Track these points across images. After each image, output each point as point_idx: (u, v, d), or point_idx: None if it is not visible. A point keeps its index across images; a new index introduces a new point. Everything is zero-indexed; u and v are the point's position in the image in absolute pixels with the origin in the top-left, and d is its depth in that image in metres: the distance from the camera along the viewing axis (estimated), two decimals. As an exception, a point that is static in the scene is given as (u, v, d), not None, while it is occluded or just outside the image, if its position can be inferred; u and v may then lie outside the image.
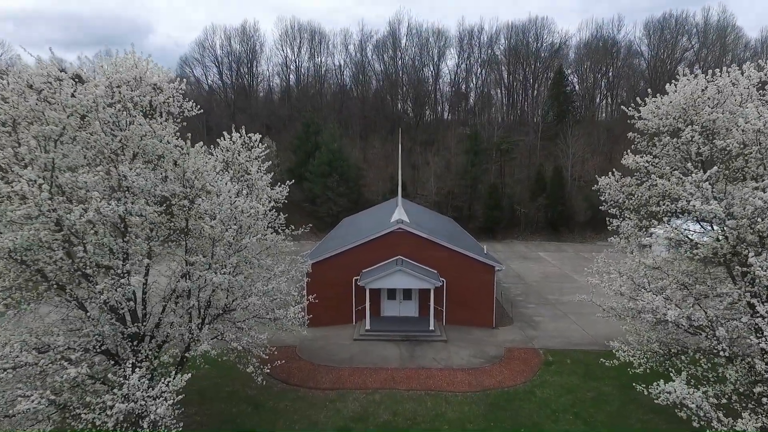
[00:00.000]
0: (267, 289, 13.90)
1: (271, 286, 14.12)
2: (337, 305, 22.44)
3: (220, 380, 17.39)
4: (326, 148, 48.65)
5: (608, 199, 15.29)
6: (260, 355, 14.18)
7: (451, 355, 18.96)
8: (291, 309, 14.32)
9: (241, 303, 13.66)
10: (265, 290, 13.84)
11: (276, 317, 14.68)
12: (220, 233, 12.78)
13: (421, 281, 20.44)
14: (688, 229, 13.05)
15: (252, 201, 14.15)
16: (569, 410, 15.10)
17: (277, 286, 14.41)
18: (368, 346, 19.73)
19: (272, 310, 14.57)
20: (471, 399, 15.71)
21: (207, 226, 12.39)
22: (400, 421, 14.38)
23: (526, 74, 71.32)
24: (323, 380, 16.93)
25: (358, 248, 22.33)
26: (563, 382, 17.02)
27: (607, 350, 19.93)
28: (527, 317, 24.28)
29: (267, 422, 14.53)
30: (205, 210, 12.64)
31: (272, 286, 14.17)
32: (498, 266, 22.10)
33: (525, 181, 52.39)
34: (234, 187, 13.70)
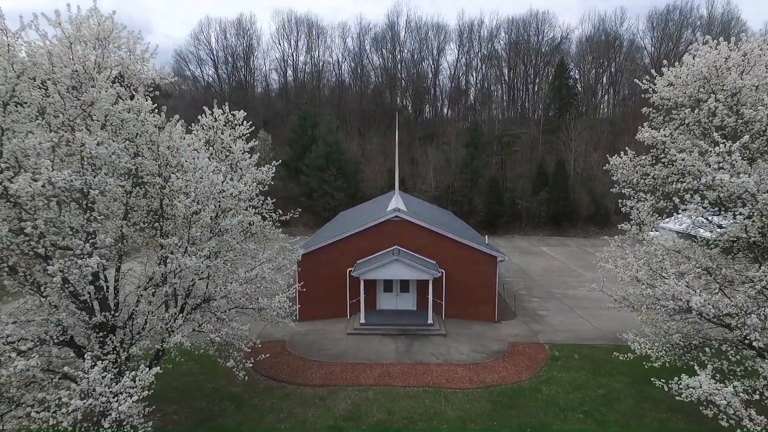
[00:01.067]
0: (249, 276, 12.72)
1: (255, 273, 12.94)
2: (331, 298, 21.26)
3: (202, 376, 16.23)
4: (323, 141, 47.50)
5: (621, 179, 14.08)
6: (242, 348, 13.00)
7: (451, 350, 17.78)
8: (276, 298, 13.12)
9: (221, 291, 12.49)
10: (247, 277, 12.66)
11: (260, 307, 13.51)
12: (196, 213, 11.63)
13: (419, 272, 19.26)
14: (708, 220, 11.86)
15: (234, 181, 12.99)
16: (579, 408, 13.92)
17: (261, 273, 13.24)
18: (362, 341, 18.56)
19: (256, 299, 13.40)
20: (472, 396, 14.53)
21: (180, 204, 11.22)
22: (395, 420, 13.21)
23: (527, 69, 70.17)
24: (313, 376, 15.76)
25: (352, 238, 21.16)
26: (571, 378, 15.84)
27: (618, 344, 18.89)
28: (531, 311, 23.11)
29: (250, 421, 13.35)
30: (179, 187, 11.48)
31: (256, 272, 12.98)
32: (500, 257, 20.92)
33: (526, 174, 51.19)
34: (212, 164, 12.56)
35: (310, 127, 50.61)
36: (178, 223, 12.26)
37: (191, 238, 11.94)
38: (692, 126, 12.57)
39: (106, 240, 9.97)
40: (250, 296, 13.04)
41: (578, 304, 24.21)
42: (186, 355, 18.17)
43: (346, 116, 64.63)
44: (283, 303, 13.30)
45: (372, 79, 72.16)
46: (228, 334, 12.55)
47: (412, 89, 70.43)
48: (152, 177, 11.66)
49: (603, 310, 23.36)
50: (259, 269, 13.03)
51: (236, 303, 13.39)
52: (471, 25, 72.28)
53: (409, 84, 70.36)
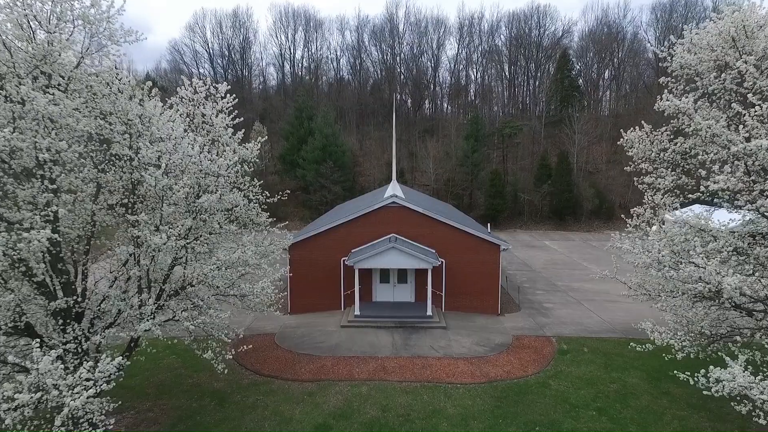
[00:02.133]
0: (229, 259, 11.51)
1: (236, 256, 11.73)
2: (324, 290, 20.08)
3: (183, 371, 15.06)
4: (320, 133, 46.27)
5: (637, 154, 12.89)
6: (222, 338, 11.82)
7: (451, 343, 16.59)
8: (259, 283, 11.91)
9: (198, 275, 11.30)
10: (226, 260, 11.46)
11: (242, 294, 12.33)
12: (168, 187, 10.44)
13: (417, 260, 18.07)
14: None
15: (213, 155, 11.80)
16: (591, 405, 12.74)
17: (243, 257, 12.04)
18: (357, 334, 17.37)
19: (237, 285, 12.21)
20: (475, 392, 13.35)
21: (150, 177, 10.03)
22: (390, 418, 12.02)
23: (528, 64, 68.87)
24: (302, 371, 14.57)
25: (346, 225, 19.97)
26: (581, 372, 14.66)
27: (629, 337, 17.73)
28: (536, 304, 21.92)
29: (231, 419, 12.17)
30: (150, 159, 10.30)
31: (237, 255, 11.78)
32: (504, 245, 19.73)
33: (528, 168, 49.99)
34: (188, 135, 11.39)
35: (306, 119, 49.39)
36: (149, 199, 11.07)
37: (164, 216, 10.77)
38: (718, 93, 11.39)
39: (61, 212, 8.80)
40: (230, 282, 11.85)
41: (585, 297, 23.05)
42: (168, 349, 17.08)
43: (344, 111, 63.44)
44: (267, 288, 12.08)
45: (371, 71, 70.92)
46: (206, 323, 11.35)
47: (411, 83, 69.18)
48: (121, 148, 10.48)
49: (611, 302, 22.23)
50: (240, 252, 11.82)
51: (215, 289, 12.24)
52: (471, 18, 71.15)
53: (408, 78, 69.12)
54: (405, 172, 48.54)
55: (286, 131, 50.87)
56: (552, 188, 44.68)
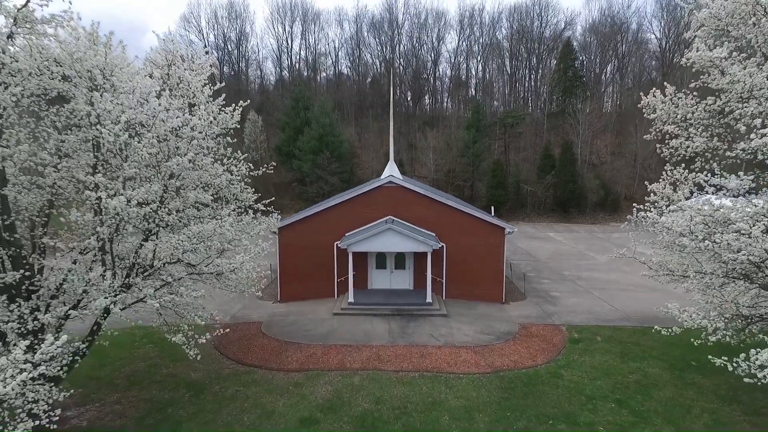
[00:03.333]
0: (202, 231, 10.16)
1: (211, 228, 10.38)
2: (316, 276, 18.74)
3: (159, 361, 13.73)
4: (317, 123, 44.91)
5: (660, 117, 11.52)
6: (195, 320, 10.48)
7: (453, 331, 15.26)
8: (238, 258, 10.55)
9: (168, 248, 9.96)
10: (200, 232, 10.10)
11: (219, 272, 10.98)
12: (128, 145, 9.13)
13: (416, 243, 16.72)
14: None
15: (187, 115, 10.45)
16: (609, 397, 11.41)
17: (219, 229, 10.69)
18: (350, 321, 16.03)
19: (214, 262, 10.86)
20: (479, 382, 12.03)
21: (107, 131, 8.71)
22: (384, 411, 10.69)
23: (530, 57, 67.38)
24: (289, 360, 13.24)
25: (340, 207, 18.63)
26: (596, 362, 13.33)
27: (644, 326, 16.43)
28: (542, 292, 20.60)
29: (206, 411, 10.84)
30: (108, 111, 8.99)
31: (212, 227, 10.42)
32: (508, 228, 18.39)
33: (531, 158, 48.62)
34: (159, 92, 10.06)
35: (303, 109, 48.03)
36: (110, 160, 9.74)
37: (126, 179, 9.45)
38: (757, 43, 10.04)
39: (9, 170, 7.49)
40: (204, 257, 10.49)
41: (594, 286, 21.73)
42: (145, 337, 15.73)
43: (343, 104, 62.10)
44: (246, 264, 10.72)
45: (369, 63, 69.54)
46: (175, 303, 10.01)
47: (410, 74, 67.79)
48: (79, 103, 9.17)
49: (622, 291, 20.93)
50: (215, 224, 10.46)
51: (190, 267, 10.92)
52: (472, 10, 69.77)
53: (408, 67, 67.73)
54: (404, 164, 47.19)
55: (282, 122, 49.51)
56: (555, 179, 43.33)
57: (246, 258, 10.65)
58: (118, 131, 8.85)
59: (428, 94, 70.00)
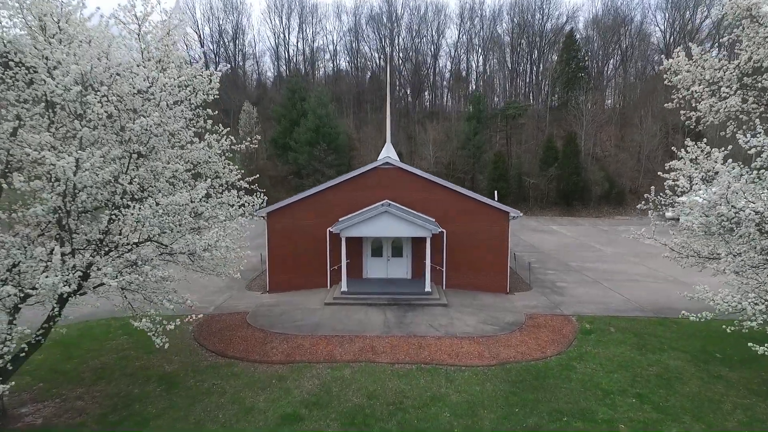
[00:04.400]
0: (172, 203, 8.93)
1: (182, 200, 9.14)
2: (308, 265, 17.55)
3: (133, 353, 12.54)
4: (313, 114, 43.70)
5: (685, 79, 10.32)
6: (165, 304, 9.30)
7: (454, 321, 14.08)
8: (211, 233, 9.31)
9: (132, 223, 8.74)
10: (167, 204, 8.87)
11: (192, 251, 9.76)
12: (82, 102, 7.95)
13: (414, 227, 15.53)
14: None
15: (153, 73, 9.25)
16: (628, 391, 10.22)
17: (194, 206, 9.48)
18: (343, 311, 14.85)
19: (186, 240, 9.63)
20: (484, 375, 10.84)
21: (57, 85, 7.54)
22: (377, 406, 9.50)
23: (531, 51, 66.04)
24: (273, 351, 12.06)
25: (333, 191, 17.44)
26: (611, 354, 12.15)
27: (661, 317, 15.26)
28: (548, 283, 19.42)
29: (177, 407, 9.65)
30: (59, 62, 7.83)
31: (183, 201, 9.19)
32: (513, 212, 17.20)
33: (533, 150, 47.38)
34: (116, 38, 8.89)
35: (299, 101, 46.83)
36: (64, 120, 8.55)
37: (82, 141, 8.27)
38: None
39: None
40: (174, 233, 9.28)
41: (602, 277, 20.55)
42: (121, 329, 14.53)
43: (341, 96, 60.88)
44: (222, 242, 9.51)
45: (368, 54, 68.24)
46: (140, 284, 8.80)
47: (410, 68, 66.56)
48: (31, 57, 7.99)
49: (632, 281, 19.76)
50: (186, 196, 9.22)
51: (161, 247, 9.72)
52: (472, 3, 68.49)
53: (407, 62, 66.49)
54: (403, 156, 45.96)
55: (278, 113, 48.29)
56: (559, 171, 42.12)
57: (222, 234, 9.38)
58: (68, 83, 7.69)
59: (428, 90, 68.80)
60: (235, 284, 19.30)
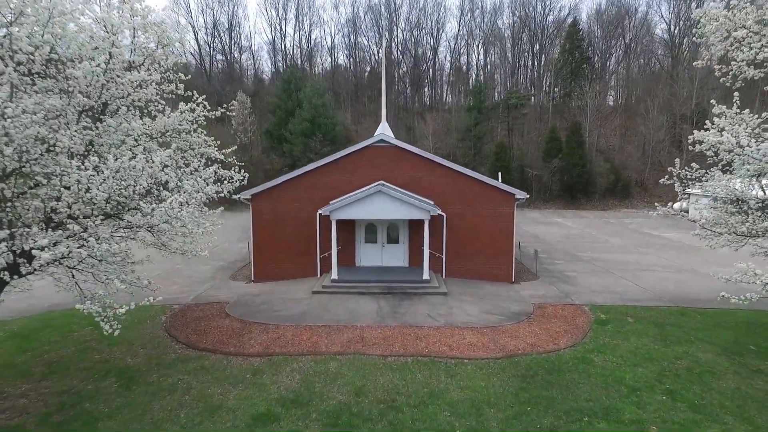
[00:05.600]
0: (122, 166, 7.52)
1: (134, 164, 7.73)
2: (296, 252, 16.19)
3: (94, 344, 11.19)
4: (308, 104, 42.32)
5: (723, 25, 8.95)
6: (114, 284, 7.92)
7: (454, 311, 12.71)
8: (169, 200, 7.86)
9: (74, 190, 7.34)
10: (117, 166, 7.47)
11: (151, 224, 8.36)
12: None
13: (410, 209, 14.16)
14: None
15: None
16: (657, 387, 8.86)
17: (153, 170, 8.07)
18: (332, 300, 13.49)
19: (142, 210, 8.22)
20: (489, 369, 9.48)
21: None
22: (366, 404, 8.14)
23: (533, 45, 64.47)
24: (251, 343, 10.69)
25: (324, 171, 16.08)
26: (632, 346, 10.79)
27: (683, 306, 13.88)
28: (557, 272, 18.06)
29: (134, 406, 8.29)
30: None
31: (137, 164, 7.77)
32: (520, 194, 15.83)
33: (536, 141, 45.95)
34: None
35: (294, 91, 45.44)
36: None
37: (15, 90, 6.90)
38: None
39: None
40: (122, 197, 7.85)
41: (613, 267, 19.18)
42: (86, 318, 13.16)
43: (339, 87, 59.52)
44: (184, 212, 8.09)
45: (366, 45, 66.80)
46: (80, 258, 7.42)
47: (409, 61, 65.14)
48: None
49: (645, 271, 18.40)
50: (142, 160, 7.81)
51: (117, 220, 8.36)
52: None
53: (406, 53, 65.07)
54: (402, 148, 44.57)
55: (273, 104, 46.90)
56: (563, 163, 40.73)
57: (182, 202, 7.95)
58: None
59: (428, 85, 67.29)
60: (219, 274, 17.96)
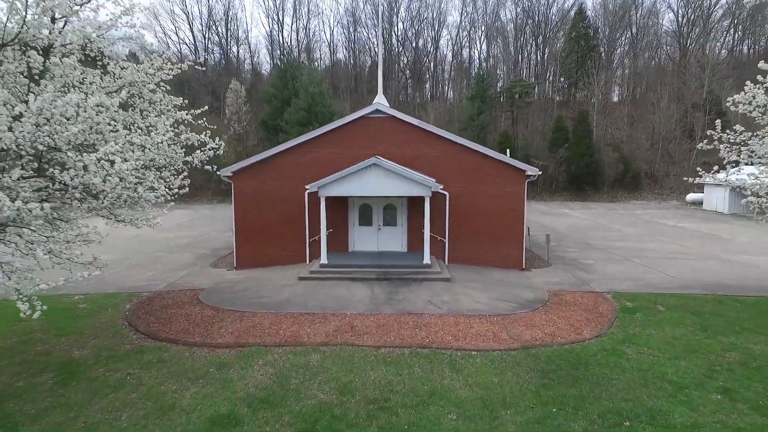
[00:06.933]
0: (44, 100, 5.92)
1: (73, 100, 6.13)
2: (282, 237, 14.63)
3: (41, 335, 9.63)
4: (305, 92, 40.73)
5: None
6: (36, 255, 6.35)
7: (460, 297, 11.13)
8: (110, 145, 6.24)
9: None
10: (41, 106, 5.88)
11: (86, 183, 6.73)
12: None
13: (409, 184, 12.58)
14: None
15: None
16: (708, 384, 7.26)
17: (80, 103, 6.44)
18: (320, 287, 11.91)
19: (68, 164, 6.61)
20: (503, 362, 7.90)
21: None
22: (352, 405, 6.57)
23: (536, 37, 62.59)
24: (221, 332, 9.12)
25: (313, 145, 14.48)
26: (668, 336, 9.20)
27: (719, 294, 12.31)
28: (570, 260, 16.47)
29: (69, 405, 6.73)
30: None
31: (68, 102, 6.18)
32: (531, 171, 14.23)
33: (541, 131, 44.27)
34: None
35: (290, 80, 43.86)
36: None
37: None
38: None
39: None
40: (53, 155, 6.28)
41: (631, 254, 17.57)
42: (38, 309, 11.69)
43: (338, 80, 57.88)
44: (122, 165, 6.47)
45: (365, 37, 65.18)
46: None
47: (410, 52, 63.52)
48: None
49: (668, 259, 16.79)
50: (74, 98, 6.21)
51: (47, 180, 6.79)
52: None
53: (406, 44, 63.44)
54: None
55: (268, 94, 45.34)
56: (569, 153, 39.08)
57: (118, 147, 6.30)
58: None
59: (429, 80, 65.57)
60: (201, 261, 16.41)
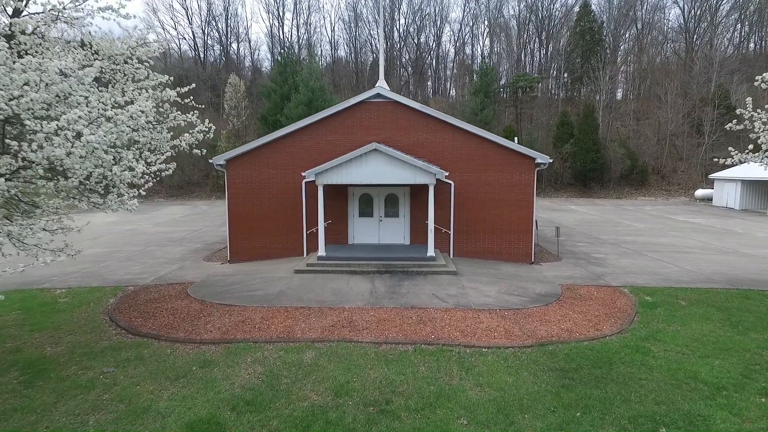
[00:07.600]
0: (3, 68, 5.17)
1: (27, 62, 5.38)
2: (278, 228, 13.89)
3: (14, 330, 8.94)
4: (305, 87, 39.99)
5: None
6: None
7: (467, 291, 10.36)
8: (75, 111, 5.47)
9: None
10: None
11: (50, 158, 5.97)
12: None
13: (412, 171, 11.81)
14: None
15: None
16: (748, 385, 6.49)
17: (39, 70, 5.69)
18: (317, 280, 11.16)
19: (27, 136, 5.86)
20: (517, 360, 7.13)
21: None
22: (349, 408, 5.82)
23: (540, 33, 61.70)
24: (207, 327, 8.38)
25: (310, 132, 13.72)
26: (695, 333, 8.42)
27: (744, 289, 11.49)
28: (581, 254, 15.69)
29: (32, 408, 6.00)
30: None
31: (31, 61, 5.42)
32: (541, 158, 13.46)
33: (545, 126, 43.48)
34: None
35: (290, 75, 43.11)
36: None
37: None
38: None
39: None
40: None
41: (645, 249, 16.78)
42: (19, 302, 10.95)
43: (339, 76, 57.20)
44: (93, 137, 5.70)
45: (366, 34, 64.43)
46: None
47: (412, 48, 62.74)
48: None
49: (684, 253, 15.99)
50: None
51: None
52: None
53: (408, 39, 62.66)
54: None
55: (267, 88, 44.59)
56: (575, 148, 38.24)
57: (80, 114, 5.53)
58: None
59: (431, 78, 64.74)
60: (193, 255, 15.70)
